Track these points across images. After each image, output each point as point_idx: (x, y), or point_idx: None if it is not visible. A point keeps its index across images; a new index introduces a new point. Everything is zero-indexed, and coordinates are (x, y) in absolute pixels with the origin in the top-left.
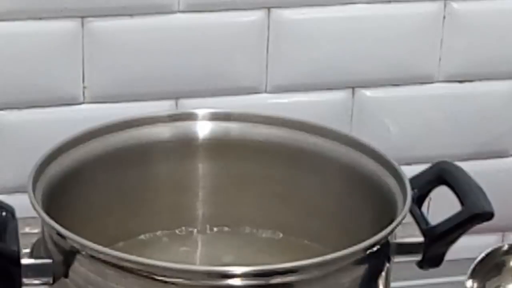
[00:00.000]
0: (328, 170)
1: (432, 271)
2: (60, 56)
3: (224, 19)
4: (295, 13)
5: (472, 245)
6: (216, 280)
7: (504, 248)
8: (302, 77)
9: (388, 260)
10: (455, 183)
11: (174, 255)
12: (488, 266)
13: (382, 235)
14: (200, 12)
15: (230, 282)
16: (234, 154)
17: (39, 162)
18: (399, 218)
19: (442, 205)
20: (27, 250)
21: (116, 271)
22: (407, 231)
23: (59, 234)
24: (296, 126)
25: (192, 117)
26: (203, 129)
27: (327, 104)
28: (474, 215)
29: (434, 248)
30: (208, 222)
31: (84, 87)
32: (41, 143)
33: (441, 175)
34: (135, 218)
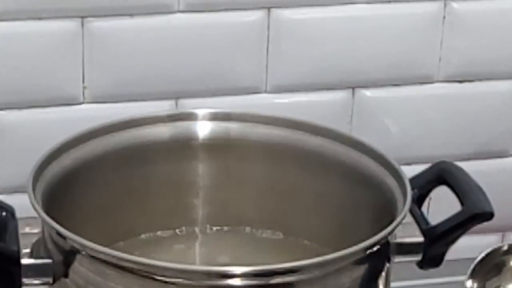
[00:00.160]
0: (328, 170)
1: (432, 271)
2: (60, 56)
3: (224, 19)
4: (295, 13)
5: (472, 245)
6: (216, 280)
7: (504, 248)
8: (302, 77)
9: (388, 260)
10: (455, 183)
11: (174, 255)
12: (488, 266)
13: (382, 235)
14: (200, 12)
15: (230, 282)
16: (234, 154)
17: (39, 162)
18: (399, 218)
19: (442, 205)
20: (27, 250)
21: (116, 271)
22: (407, 231)
23: (59, 234)
24: (296, 126)
25: (192, 117)
26: (203, 129)
27: (327, 104)
28: (474, 215)
29: (434, 248)
30: (208, 222)
31: (84, 87)
32: (41, 143)
33: (441, 175)
34: (135, 218)
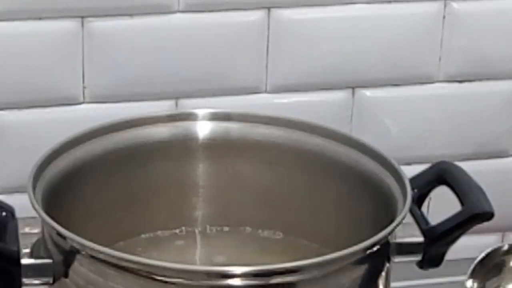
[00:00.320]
0: (328, 170)
1: (432, 271)
2: (60, 56)
3: (224, 19)
4: (295, 13)
5: (472, 245)
6: (216, 280)
7: (504, 248)
8: (302, 77)
9: (388, 260)
10: (455, 183)
11: (174, 255)
12: (488, 266)
13: (382, 235)
14: (200, 12)
15: (230, 282)
16: (234, 154)
17: (39, 162)
18: (399, 218)
19: (442, 205)
20: (27, 250)
21: (116, 271)
22: (407, 231)
23: (59, 234)
24: (296, 126)
25: (192, 117)
26: (203, 129)
27: (327, 104)
28: (474, 215)
29: (434, 248)
30: (208, 222)
31: (84, 87)
32: (41, 143)
33: (441, 175)
34: (135, 218)
